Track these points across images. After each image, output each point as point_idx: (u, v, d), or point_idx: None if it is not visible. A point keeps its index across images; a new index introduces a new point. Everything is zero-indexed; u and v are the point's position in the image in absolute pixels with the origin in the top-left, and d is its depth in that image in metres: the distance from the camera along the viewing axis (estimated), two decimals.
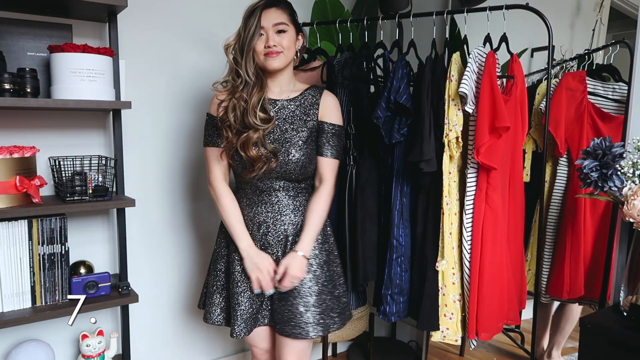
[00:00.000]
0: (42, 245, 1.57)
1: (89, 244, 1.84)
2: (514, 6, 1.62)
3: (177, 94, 1.99)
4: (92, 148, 1.81)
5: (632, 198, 1.26)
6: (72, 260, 1.73)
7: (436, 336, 1.73)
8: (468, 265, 1.66)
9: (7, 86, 1.45)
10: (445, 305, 1.71)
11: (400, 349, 2.50)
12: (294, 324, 1.46)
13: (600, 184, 1.35)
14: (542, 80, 2.01)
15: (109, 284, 1.70)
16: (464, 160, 1.70)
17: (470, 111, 1.60)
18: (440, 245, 1.70)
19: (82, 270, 1.71)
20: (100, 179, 1.66)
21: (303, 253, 1.46)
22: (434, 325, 1.71)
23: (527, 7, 1.61)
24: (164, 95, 1.96)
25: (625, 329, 1.27)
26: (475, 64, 1.61)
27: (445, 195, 1.67)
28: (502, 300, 1.69)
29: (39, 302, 1.59)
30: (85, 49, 1.52)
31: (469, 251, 1.66)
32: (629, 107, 1.57)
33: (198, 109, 2.04)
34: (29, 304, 1.57)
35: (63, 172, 1.60)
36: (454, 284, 1.71)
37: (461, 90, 1.56)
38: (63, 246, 1.61)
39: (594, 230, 1.89)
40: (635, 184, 1.30)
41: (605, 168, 1.33)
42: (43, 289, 1.59)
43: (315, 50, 1.99)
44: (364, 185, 1.84)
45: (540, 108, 1.95)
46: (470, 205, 1.66)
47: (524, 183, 1.79)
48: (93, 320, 1.72)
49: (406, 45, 1.81)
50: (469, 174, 1.66)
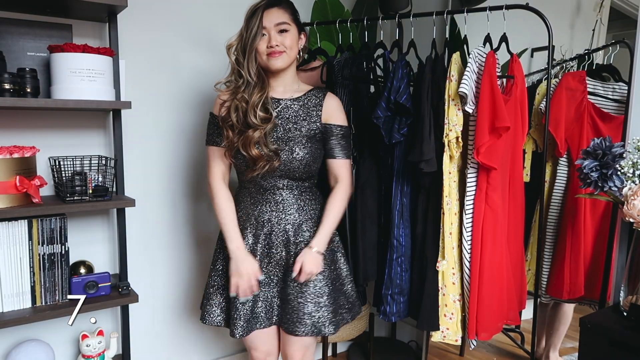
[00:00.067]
0: (42, 245, 1.57)
1: (89, 244, 1.84)
2: (514, 6, 1.62)
3: (177, 94, 1.99)
4: (92, 148, 1.81)
5: (632, 198, 1.26)
6: (72, 260, 1.73)
7: (436, 336, 1.73)
8: (468, 265, 1.66)
9: (7, 86, 1.45)
10: (445, 305, 1.71)
11: (400, 349, 2.50)
12: (304, 323, 1.47)
13: (600, 184, 1.35)
14: (542, 80, 2.01)
15: (109, 284, 1.70)
16: (464, 160, 1.70)
17: (470, 111, 1.60)
18: (441, 245, 1.70)
19: (82, 270, 1.71)
20: (100, 179, 1.66)
21: (317, 249, 1.48)
22: (434, 325, 1.71)
23: (527, 7, 1.61)
24: (164, 95, 1.96)
25: (625, 329, 1.27)
26: (475, 64, 1.61)
27: (445, 195, 1.67)
28: (502, 300, 1.69)
29: (39, 302, 1.59)
30: (85, 49, 1.52)
31: (469, 251, 1.66)
32: (629, 107, 1.57)
33: (198, 109, 2.04)
34: (29, 304, 1.57)
35: (63, 172, 1.60)
36: (454, 284, 1.71)
37: (461, 90, 1.56)
38: (63, 246, 1.61)
39: (594, 230, 1.89)
40: (635, 184, 1.30)
41: (605, 168, 1.33)
42: (43, 289, 1.59)
43: (315, 50, 1.99)
44: (364, 185, 1.84)
45: (540, 108, 1.95)
46: (470, 205, 1.66)
47: (524, 183, 1.79)
48: (93, 320, 1.72)
49: (406, 45, 1.81)
50: (469, 174, 1.66)
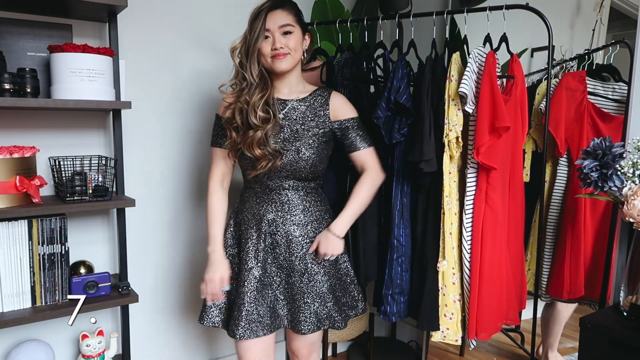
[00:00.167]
0: (42, 245, 1.57)
1: (89, 244, 1.84)
2: (514, 6, 1.62)
3: (178, 94, 1.99)
4: (92, 148, 1.81)
5: (632, 198, 1.26)
6: (72, 260, 1.73)
7: (436, 336, 1.73)
8: (468, 265, 1.66)
9: (7, 86, 1.46)
10: (446, 305, 1.71)
11: (400, 349, 2.50)
12: (310, 321, 1.49)
13: (600, 184, 1.35)
14: (542, 80, 2.01)
15: (109, 284, 1.70)
16: (464, 160, 1.70)
17: (470, 111, 1.60)
18: (441, 245, 1.70)
19: (82, 270, 1.71)
20: (100, 179, 1.66)
21: (335, 232, 1.50)
22: (434, 325, 1.71)
23: (527, 7, 1.61)
24: (164, 95, 1.96)
25: (625, 329, 1.27)
26: (475, 64, 1.61)
27: (445, 195, 1.67)
28: (502, 300, 1.69)
29: (39, 302, 1.59)
30: (85, 49, 1.52)
31: (469, 251, 1.66)
32: (629, 107, 1.57)
33: (198, 108, 2.04)
34: (29, 304, 1.57)
35: (63, 172, 1.60)
36: (454, 284, 1.71)
37: (461, 90, 1.56)
38: (63, 246, 1.61)
39: (594, 230, 1.89)
40: (635, 184, 1.30)
41: (605, 168, 1.33)
42: (43, 289, 1.59)
43: (315, 50, 1.99)
44: None
45: (540, 108, 1.95)
46: (470, 205, 1.66)
47: (524, 183, 1.79)
48: (93, 320, 1.72)
49: (406, 45, 1.81)
50: (469, 174, 1.66)
